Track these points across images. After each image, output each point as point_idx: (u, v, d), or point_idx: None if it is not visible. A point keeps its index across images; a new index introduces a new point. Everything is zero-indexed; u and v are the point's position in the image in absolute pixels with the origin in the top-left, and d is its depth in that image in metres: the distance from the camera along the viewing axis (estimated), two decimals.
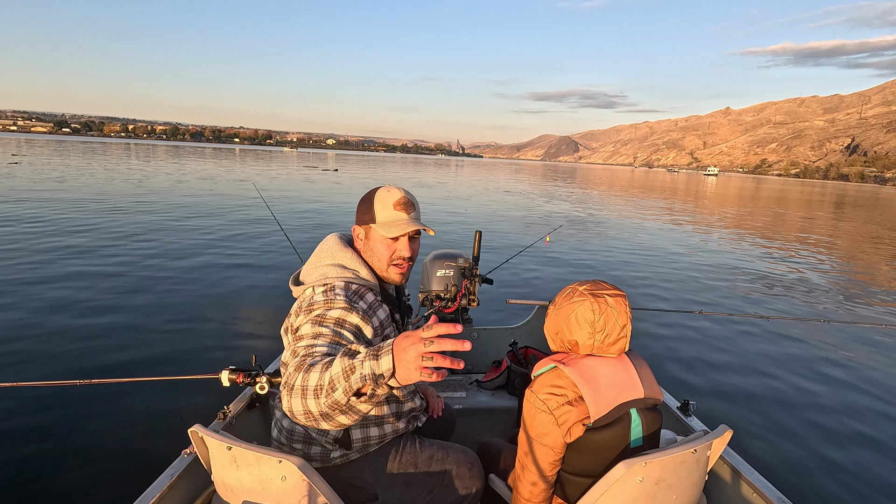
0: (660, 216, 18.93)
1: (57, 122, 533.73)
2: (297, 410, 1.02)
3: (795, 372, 4.56)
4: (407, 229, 1.45)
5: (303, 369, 1.06)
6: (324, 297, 1.35)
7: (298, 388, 1.03)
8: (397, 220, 1.47)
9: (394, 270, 1.49)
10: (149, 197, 15.76)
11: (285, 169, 41.27)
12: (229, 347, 4.46)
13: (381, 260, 1.48)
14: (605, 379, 1.32)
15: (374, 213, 1.47)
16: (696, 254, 10.73)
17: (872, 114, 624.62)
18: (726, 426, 1.52)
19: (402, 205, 1.47)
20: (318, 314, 1.30)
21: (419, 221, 1.50)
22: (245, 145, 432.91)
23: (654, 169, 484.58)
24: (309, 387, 1.01)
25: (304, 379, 1.03)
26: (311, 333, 1.24)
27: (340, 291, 1.37)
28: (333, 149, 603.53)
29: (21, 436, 2.99)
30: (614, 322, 1.34)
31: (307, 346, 1.19)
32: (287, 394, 1.05)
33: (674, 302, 6.89)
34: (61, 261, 7.07)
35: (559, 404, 1.31)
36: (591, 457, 1.34)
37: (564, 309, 1.39)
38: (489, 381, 2.63)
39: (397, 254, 1.48)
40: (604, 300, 1.35)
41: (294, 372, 1.07)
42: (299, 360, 1.12)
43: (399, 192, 1.50)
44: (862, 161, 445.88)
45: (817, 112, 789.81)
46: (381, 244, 1.47)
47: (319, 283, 1.40)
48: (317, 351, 1.16)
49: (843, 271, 9.81)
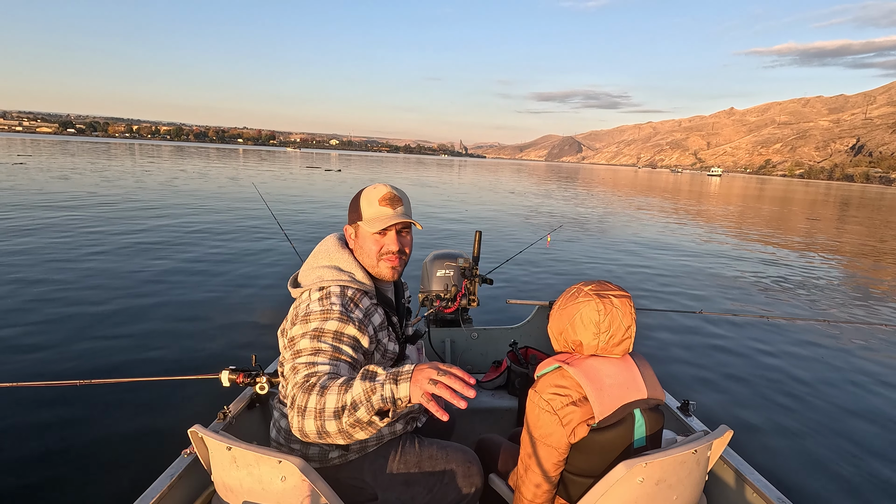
0: (661, 216, 18.89)
1: (62, 123, 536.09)
2: (309, 430, 1.10)
3: (796, 372, 4.55)
4: (389, 222, 1.45)
5: (314, 392, 1.12)
6: (320, 307, 1.35)
7: (312, 411, 1.10)
8: (382, 215, 1.47)
9: (384, 265, 1.49)
10: (147, 196, 15.81)
11: (288, 169, 41.36)
12: (229, 347, 4.47)
13: (370, 255, 1.49)
14: (609, 379, 1.32)
15: (361, 211, 1.49)
16: (696, 254, 10.70)
17: (878, 114, 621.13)
18: (726, 426, 1.52)
19: (388, 200, 1.48)
20: (316, 328, 1.31)
21: (406, 216, 1.50)
22: (248, 146, 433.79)
23: (657, 169, 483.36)
24: (327, 409, 1.09)
25: (319, 402, 1.10)
26: (310, 349, 1.26)
27: (336, 299, 1.37)
28: (336, 149, 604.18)
29: (21, 436, 3.00)
30: (619, 323, 1.34)
31: (308, 364, 1.22)
32: (298, 415, 1.11)
33: (674, 302, 6.88)
34: (60, 261, 7.09)
35: (563, 404, 1.30)
36: (594, 457, 1.34)
37: (569, 309, 1.39)
38: (489, 381, 2.63)
39: (385, 248, 1.48)
40: (609, 301, 1.35)
41: (302, 393, 1.13)
42: (302, 379, 1.18)
43: (385, 187, 1.50)
44: (867, 161, 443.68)
45: (822, 112, 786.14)
46: (368, 240, 1.48)
47: (315, 287, 1.41)
48: (319, 370, 1.20)
49: (844, 271, 9.77)
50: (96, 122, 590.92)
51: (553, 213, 18.25)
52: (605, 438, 1.32)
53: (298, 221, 12.33)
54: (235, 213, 12.97)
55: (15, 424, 3.10)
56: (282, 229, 4.14)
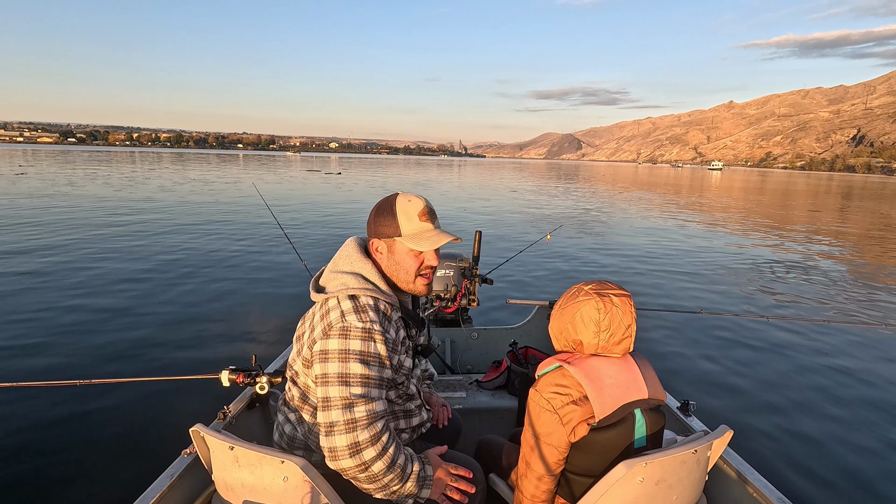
0: (662, 213, 18.85)
1: (62, 132, 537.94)
2: (350, 471, 1.28)
3: (796, 372, 4.52)
4: (439, 242, 1.41)
5: (381, 459, 1.27)
6: (360, 323, 1.31)
7: (372, 476, 1.28)
8: (425, 230, 1.42)
9: (420, 281, 1.45)
10: (149, 200, 15.86)
11: (288, 173, 41.43)
12: (229, 347, 4.48)
13: (409, 272, 1.43)
14: (609, 379, 1.33)
15: (399, 226, 1.41)
16: (696, 253, 10.66)
17: (878, 104, 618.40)
18: (727, 426, 1.51)
19: (427, 215, 1.42)
20: (362, 350, 1.30)
21: (446, 230, 1.46)
22: (248, 151, 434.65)
23: (657, 165, 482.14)
24: (380, 479, 1.28)
25: (381, 471, 1.28)
26: (359, 377, 1.29)
27: (374, 315, 1.34)
28: (336, 152, 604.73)
29: (21, 436, 3.01)
30: (619, 322, 1.34)
31: (365, 399, 1.29)
32: (353, 458, 1.25)
33: (675, 301, 6.86)
34: (60, 262, 7.12)
35: (564, 403, 1.31)
36: (595, 456, 1.35)
37: (570, 308, 1.39)
38: (489, 381, 2.62)
39: (425, 264, 1.44)
40: (609, 300, 1.35)
41: (371, 446, 1.26)
42: (366, 420, 1.27)
43: (420, 200, 1.44)
44: (868, 152, 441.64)
45: (822, 103, 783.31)
46: (407, 256, 1.42)
47: (345, 296, 1.36)
48: (377, 409, 1.30)
49: (845, 271, 9.72)
50: (97, 130, 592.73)
51: (553, 211, 18.24)
52: (606, 438, 1.33)
53: (300, 222, 12.35)
54: (236, 215, 13.00)
55: (15, 424, 3.11)
56: (282, 230, 4.15)
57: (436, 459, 1.47)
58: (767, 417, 3.70)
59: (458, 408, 2.39)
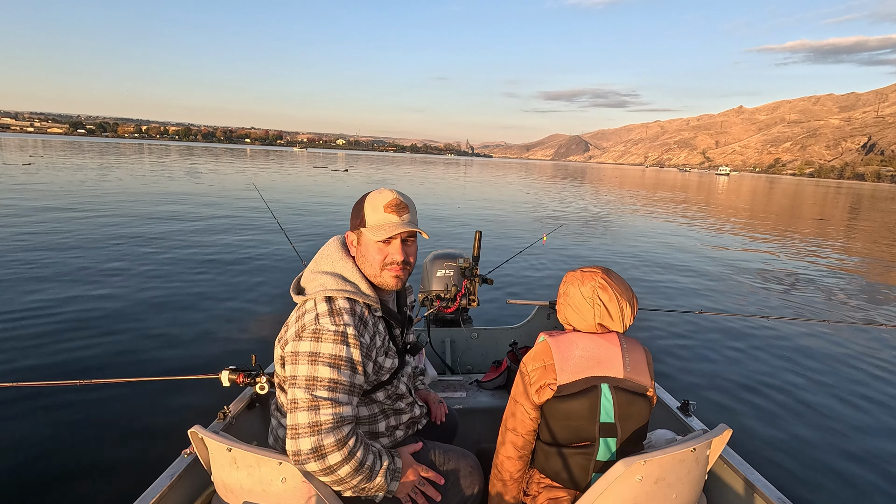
0: (665, 215, 18.78)
1: (72, 124, 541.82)
2: (319, 473, 1.26)
3: (795, 372, 4.52)
4: (395, 232, 1.39)
5: (348, 463, 1.26)
6: (333, 326, 1.29)
7: (339, 480, 1.27)
8: (387, 222, 1.40)
9: (388, 274, 1.42)
10: (148, 197, 15.89)
11: (295, 169, 41.54)
12: (229, 348, 4.47)
13: (374, 265, 1.41)
14: (580, 351, 1.41)
15: (365, 217, 1.41)
16: (696, 253, 10.65)
17: (890, 112, 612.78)
18: (726, 425, 1.51)
19: (394, 207, 1.41)
20: (333, 354, 1.27)
21: (412, 224, 1.44)
22: (256, 146, 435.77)
23: (665, 169, 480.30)
24: (347, 482, 1.28)
25: (348, 474, 1.26)
26: (327, 381, 1.27)
27: (349, 318, 1.32)
28: (343, 149, 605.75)
29: (21, 436, 3.01)
30: (598, 303, 1.45)
31: (332, 402, 1.26)
32: (319, 462, 1.24)
33: (674, 301, 6.85)
34: (59, 261, 7.15)
35: (534, 367, 1.44)
36: (560, 423, 1.42)
37: (562, 290, 1.55)
38: (489, 381, 2.62)
39: (389, 257, 1.41)
40: (592, 281, 1.47)
41: (337, 451, 1.24)
42: (330, 423, 1.25)
43: (391, 193, 1.43)
44: (878, 160, 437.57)
45: (833, 110, 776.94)
46: (372, 248, 1.41)
47: (321, 297, 1.35)
48: (344, 413, 1.28)
49: (845, 271, 9.67)
50: (106, 122, 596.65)
51: (555, 212, 18.20)
52: (569, 406, 1.39)
53: (300, 222, 12.37)
54: (237, 214, 13.02)
55: (15, 424, 3.12)
56: (282, 230, 4.14)
57: (407, 458, 1.45)
58: (767, 417, 3.70)
59: (458, 408, 2.39)
